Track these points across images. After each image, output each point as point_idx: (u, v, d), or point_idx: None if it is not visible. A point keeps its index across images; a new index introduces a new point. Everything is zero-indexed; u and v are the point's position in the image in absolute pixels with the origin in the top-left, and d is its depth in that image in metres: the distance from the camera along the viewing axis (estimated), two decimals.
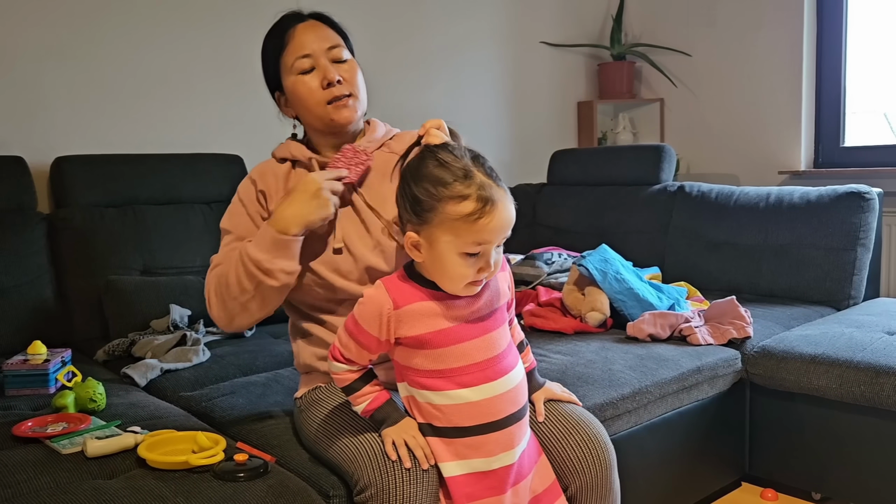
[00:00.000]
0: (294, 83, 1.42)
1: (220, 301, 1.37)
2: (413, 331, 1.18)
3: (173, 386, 1.84)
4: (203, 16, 2.70)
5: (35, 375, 1.72)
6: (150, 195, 2.44)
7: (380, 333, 1.19)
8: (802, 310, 2.47)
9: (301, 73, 1.41)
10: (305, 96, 1.42)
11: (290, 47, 1.42)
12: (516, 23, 3.62)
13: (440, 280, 1.18)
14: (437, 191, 1.12)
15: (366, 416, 1.27)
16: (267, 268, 1.30)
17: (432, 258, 1.16)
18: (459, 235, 1.12)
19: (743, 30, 3.53)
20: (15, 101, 2.36)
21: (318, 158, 1.46)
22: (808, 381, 2.01)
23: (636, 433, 1.86)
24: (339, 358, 1.23)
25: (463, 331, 1.20)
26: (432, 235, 1.14)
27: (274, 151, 1.53)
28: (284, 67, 1.44)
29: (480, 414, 1.20)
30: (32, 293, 2.15)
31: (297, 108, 1.46)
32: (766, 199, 2.71)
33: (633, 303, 2.21)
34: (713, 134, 3.69)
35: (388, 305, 1.18)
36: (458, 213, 1.11)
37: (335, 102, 1.41)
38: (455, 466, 1.21)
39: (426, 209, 1.13)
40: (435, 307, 1.18)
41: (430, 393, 1.20)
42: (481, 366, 1.20)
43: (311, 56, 1.41)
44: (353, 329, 1.21)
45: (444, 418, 1.20)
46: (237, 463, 1.25)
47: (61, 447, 1.34)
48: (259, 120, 2.85)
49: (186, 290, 2.23)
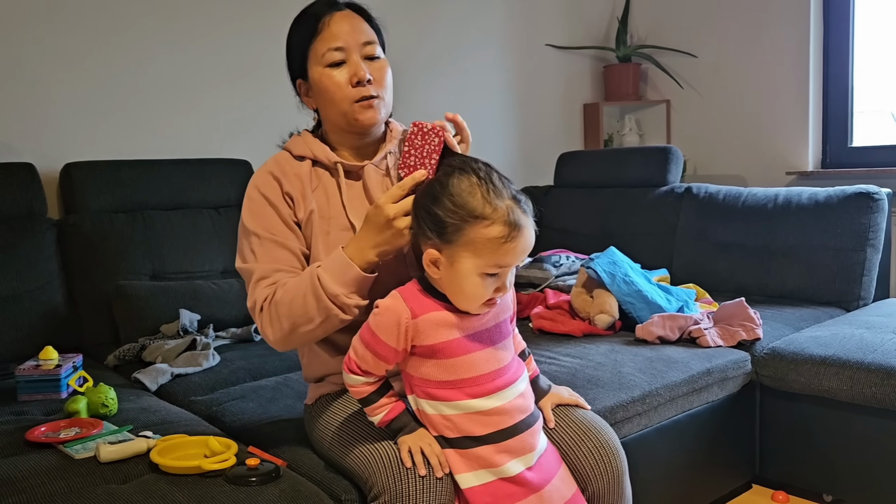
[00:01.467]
0: (321, 75, 1.34)
1: (277, 327, 1.28)
2: (428, 340, 1.18)
3: (184, 390, 1.84)
4: (211, 23, 2.71)
5: (47, 381, 1.73)
6: (159, 200, 2.45)
7: (397, 343, 1.18)
8: (812, 311, 2.46)
9: (331, 65, 1.33)
10: (332, 91, 1.34)
11: (322, 36, 1.33)
12: (522, 25, 3.62)
13: (456, 297, 1.18)
14: (464, 212, 1.11)
15: (382, 426, 1.26)
16: (344, 303, 1.23)
17: (451, 276, 1.16)
18: (482, 257, 1.12)
19: (749, 30, 3.53)
20: (25, 108, 2.38)
21: (343, 164, 1.39)
22: (818, 382, 2.00)
23: (646, 436, 1.86)
24: (355, 370, 1.22)
25: (473, 342, 1.20)
26: (454, 255, 1.14)
27: (288, 145, 1.44)
28: (314, 56, 1.35)
29: (491, 422, 1.20)
30: (43, 298, 2.16)
31: (321, 101, 1.38)
32: (775, 200, 2.70)
33: (641, 305, 2.21)
34: (720, 135, 3.69)
35: (406, 315, 1.18)
36: (484, 236, 1.11)
37: (362, 102, 1.33)
38: (472, 477, 1.21)
39: (451, 230, 1.12)
40: (449, 318, 1.19)
41: (441, 404, 1.20)
42: (490, 376, 1.21)
43: (344, 49, 1.33)
44: (369, 340, 1.19)
45: (456, 428, 1.20)
46: (249, 467, 1.25)
47: (74, 452, 1.35)
48: (266, 125, 2.86)
49: (196, 295, 2.24)
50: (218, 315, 2.24)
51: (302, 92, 1.43)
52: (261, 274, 1.32)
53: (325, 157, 1.39)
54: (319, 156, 1.39)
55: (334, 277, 1.23)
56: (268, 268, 1.32)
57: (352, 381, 1.23)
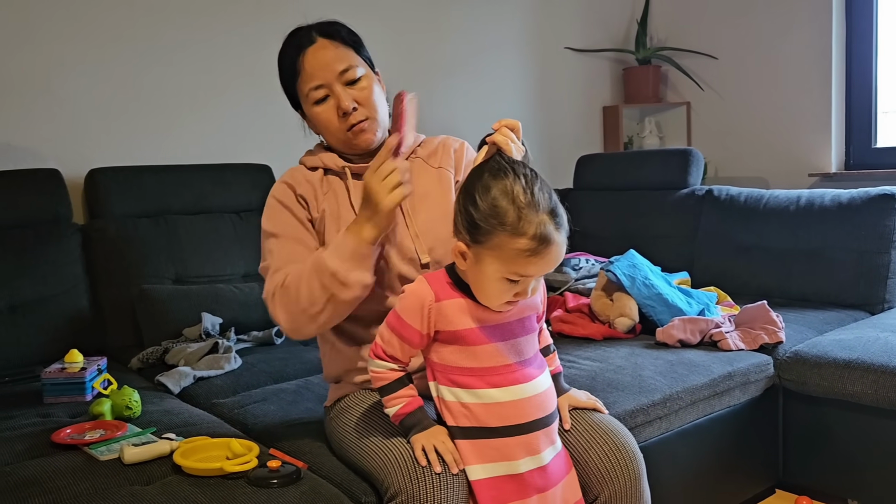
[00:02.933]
0: (311, 112, 1.44)
1: (287, 311, 1.33)
2: (450, 325, 1.22)
3: (206, 393, 1.86)
4: (233, 30, 2.74)
5: (72, 383, 1.76)
6: (182, 205, 2.48)
7: (422, 326, 1.21)
8: (835, 314, 2.43)
9: (316, 102, 1.42)
10: (325, 125, 1.44)
11: (302, 77, 1.42)
12: (541, 29, 3.62)
13: (477, 292, 1.21)
14: (496, 221, 1.13)
15: (396, 420, 1.27)
16: (343, 279, 1.28)
17: (474, 272, 1.19)
18: (506, 264, 1.14)
19: (770, 31, 3.50)
20: (50, 115, 2.42)
21: (350, 167, 1.46)
22: (842, 386, 1.97)
23: (667, 440, 1.84)
24: (381, 355, 1.25)
25: (494, 333, 1.23)
26: (480, 255, 1.16)
27: (302, 159, 1.53)
28: (301, 95, 1.45)
29: (507, 415, 1.22)
30: (69, 302, 2.19)
31: (320, 132, 1.49)
32: (797, 202, 2.67)
33: (662, 308, 2.20)
34: (741, 137, 3.65)
35: (430, 297, 1.21)
36: (512, 246, 1.13)
37: (354, 129, 1.41)
38: (481, 470, 1.22)
39: (481, 232, 1.14)
40: (471, 306, 1.22)
41: (462, 391, 1.22)
42: (510, 368, 1.23)
43: (324, 85, 1.40)
44: (395, 324, 1.23)
45: (473, 417, 1.22)
46: (270, 469, 1.26)
47: (99, 454, 1.37)
48: (286, 130, 2.87)
49: (217, 299, 2.27)
50: (239, 318, 2.26)
51: (305, 122, 1.52)
52: (276, 266, 1.39)
53: (334, 164, 1.47)
54: (329, 163, 1.48)
55: (334, 253, 1.29)
56: (283, 261, 1.39)
57: (377, 367, 1.26)
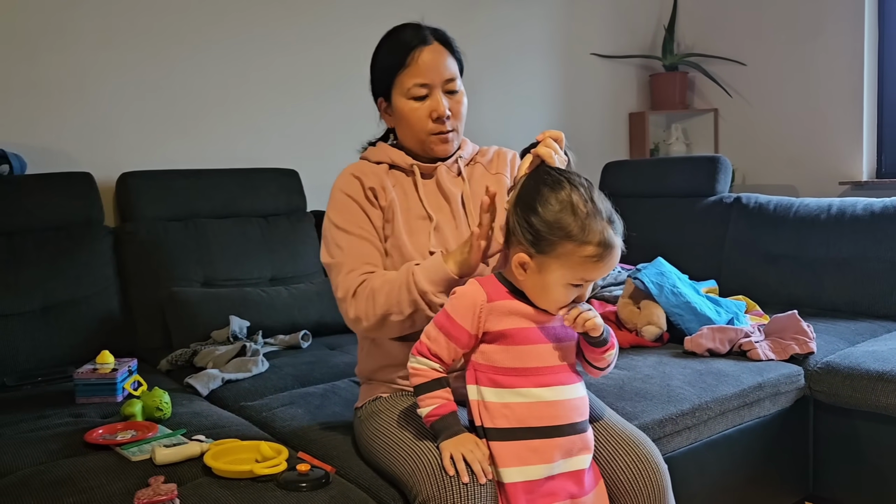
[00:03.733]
0: (404, 105, 1.44)
1: (366, 313, 1.35)
2: (500, 325, 1.25)
3: (234, 396, 1.88)
4: (262, 38, 2.77)
5: (104, 384, 1.78)
6: (211, 209, 2.51)
7: (472, 326, 1.24)
8: (867, 325, 2.39)
9: (414, 98, 1.43)
10: (412, 122, 1.44)
11: (410, 70, 1.42)
12: (567, 35, 3.61)
13: (537, 298, 1.25)
14: (562, 232, 1.18)
15: (428, 421, 1.27)
16: (431, 300, 1.32)
17: (536, 281, 1.23)
18: (572, 270, 1.20)
19: (800, 37, 3.46)
20: (84, 120, 2.46)
21: (419, 165, 1.48)
22: (874, 398, 1.94)
23: (696, 450, 1.82)
24: (425, 353, 1.27)
25: (541, 334, 1.26)
26: (545, 264, 1.21)
27: (366, 154, 1.54)
28: (399, 85, 1.44)
29: (550, 415, 1.24)
30: (100, 304, 2.22)
31: (400, 125, 1.48)
32: (828, 210, 2.64)
33: (690, 317, 2.18)
34: (770, 144, 3.62)
35: (482, 297, 1.25)
36: (578, 254, 1.18)
37: (439, 135, 1.44)
38: (516, 472, 1.22)
39: (545, 244, 1.19)
40: (521, 307, 1.26)
41: (506, 391, 1.24)
42: (554, 370, 1.26)
43: (429, 86, 1.42)
44: (444, 323, 1.26)
45: (515, 418, 1.23)
46: (300, 473, 1.27)
47: (131, 454, 1.38)
48: (313, 135, 2.91)
49: (245, 302, 2.28)
50: (266, 322, 2.28)
51: (381, 109, 1.51)
52: (351, 266, 1.40)
53: (402, 161, 1.49)
54: (397, 160, 1.49)
55: (426, 275, 1.32)
56: (357, 261, 1.40)
57: (418, 364, 1.27)
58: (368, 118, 1.61)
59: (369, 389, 1.51)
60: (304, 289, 2.43)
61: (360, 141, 1.62)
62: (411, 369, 1.28)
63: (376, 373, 1.50)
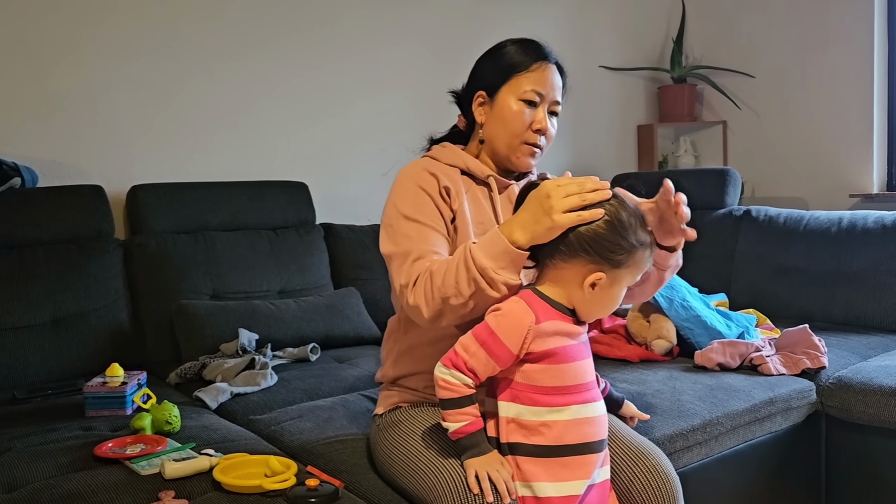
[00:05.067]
0: (513, 105, 1.43)
1: (427, 298, 1.27)
2: (545, 346, 1.22)
3: (243, 409, 1.87)
4: (271, 52, 2.79)
5: (113, 397, 1.78)
6: (220, 222, 2.52)
7: (516, 346, 1.20)
8: (880, 339, 2.37)
9: (525, 101, 1.43)
10: (513, 123, 1.43)
11: (533, 75, 1.43)
12: (576, 47, 3.62)
13: (599, 312, 1.27)
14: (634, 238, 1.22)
15: (455, 437, 1.23)
16: (491, 277, 1.22)
17: (605, 296, 1.24)
18: (636, 276, 1.25)
19: (809, 49, 3.46)
20: (94, 132, 2.48)
21: (496, 177, 1.46)
22: (888, 414, 1.92)
23: (707, 465, 1.81)
24: (460, 367, 1.21)
25: (580, 350, 1.27)
26: (618, 276, 1.23)
27: (436, 154, 1.49)
28: (514, 84, 1.43)
29: (585, 433, 1.24)
30: (109, 316, 2.23)
31: (494, 122, 1.45)
32: (839, 223, 2.63)
33: (700, 331, 2.16)
34: (779, 156, 3.61)
35: (530, 319, 1.21)
36: (644, 259, 1.25)
37: (529, 146, 1.44)
38: (552, 488, 1.21)
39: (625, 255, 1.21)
40: (565, 326, 1.24)
41: (545, 409, 1.22)
42: (588, 386, 1.27)
43: (543, 97, 1.43)
44: (486, 338, 1.20)
45: (552, 435, 1.22)
46: (309, 488, 1.26)
47: (140, 468, 1.38)
48: (323, 148, 2.92)
49: (254, 315, 2.28)
50: (275, 335, 2.28)
51: (477, 102, 1.48)
52: (418, 254, 1.33)
53: (479, 170, 1.46)
54: (473, 168, 1.46)
55: (484, 250, 1.23)
56: (426, 248, 1.34)
57: (451, 378, 1.21)
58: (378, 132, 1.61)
59: (390, 396, 1.49)
60: (313, 301, 2.43)
61: (369, 154, 1.61)
62: (442, 381, 1.22)
63: (404, 379, 1.48)
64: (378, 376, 1.56)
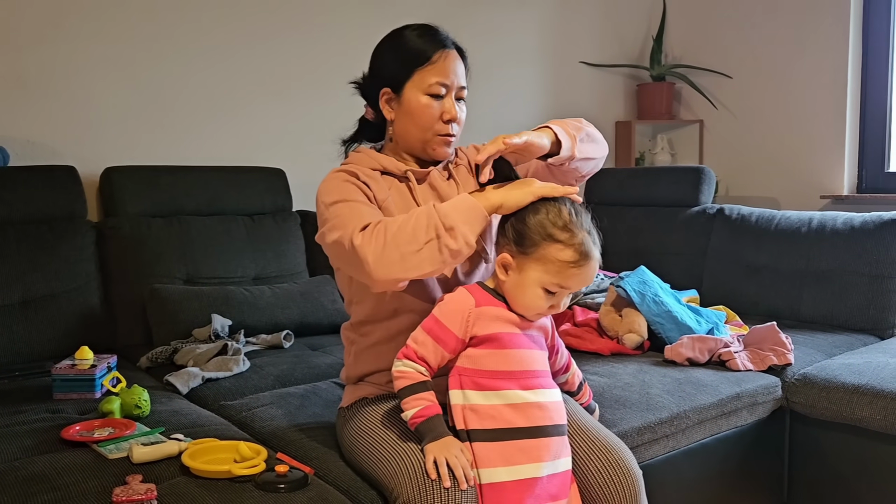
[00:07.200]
0: (419, 100, 1.42)
1: (377, 245, 1.23)
2: (487, 329, 1.29)
3: (214, 395, 1.87)
4: (251, 35, 2.76)
5: (82, 380, 1.77)
6: (195, 206, 2.50)
7: (460, 331, 1.28)
8: (845, 338, 2.42)
9: (431, 95, 1.42)
10: (423, 118, 1.43)
11: (434, 67, 1.42)
12: (556, 43, 3.63)
13: (514, 301, 1.31)
14: (545, 232, 1.27)
15: (413, 423, 1.27)
16: (451, 225, 1.23)
17: (516, 282, 1.29)
18: (549, 274, 1.27)
19: (785, 51, 3.50)
20: (68, 112, 2.44)
21: (414, 171, 1.46)
22: (850, 411, 1.97)
23: (673, 458, 1.84)
24: (412, 357, 1.28)
25: (525, 339, 1.32)
26: (525, 265, 1.28)
27: (354, 160, 1.48)
28: (417, 81, 1.42)
29: (535, 416, 1.27)
30: (80, 299, 2.20)
31: (404, 119, 1.45)
32: (809, 223, 2.67)
33: (671, 326, 2.19)
34: (753, 156, 3.65)
35: (471, 302, 1.30)
36: (556, 257, 1.26)
37: (443, 137, 1.45)
38: (504, 472, 1.24)
39: (529, 243, 1.27)
40: (506, 314, 1.32)
41: (492, 393, 1.27)
42: (536, 373, 1.32)
43: (448, 87, 1.43)
44: (432, 326, 1.29)
45: (502, 419, 1.26)
46: (278, 474, 1.26)
47: (108, 452, 1.37)
48: (300, 134, 2.91)
49: (228, 300, 2.27)
50: (249, 321, 2.27)
51: (384, 100, 1.47)
52: (360, 224, 1.28)
53: (395, 168, 1.47)
54: (389, 167, 1.47)
55: (449, 204, 1.29)
56: (366, 218, 1.30)
57: (404, 367, 1.28)
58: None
59: (355, 391, 1.51)
60: (287, 288, 2.43)
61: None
62: (396, 373, 1.28)
63: (366, 377, 1.50)
64: (342, 377, 1.57)
